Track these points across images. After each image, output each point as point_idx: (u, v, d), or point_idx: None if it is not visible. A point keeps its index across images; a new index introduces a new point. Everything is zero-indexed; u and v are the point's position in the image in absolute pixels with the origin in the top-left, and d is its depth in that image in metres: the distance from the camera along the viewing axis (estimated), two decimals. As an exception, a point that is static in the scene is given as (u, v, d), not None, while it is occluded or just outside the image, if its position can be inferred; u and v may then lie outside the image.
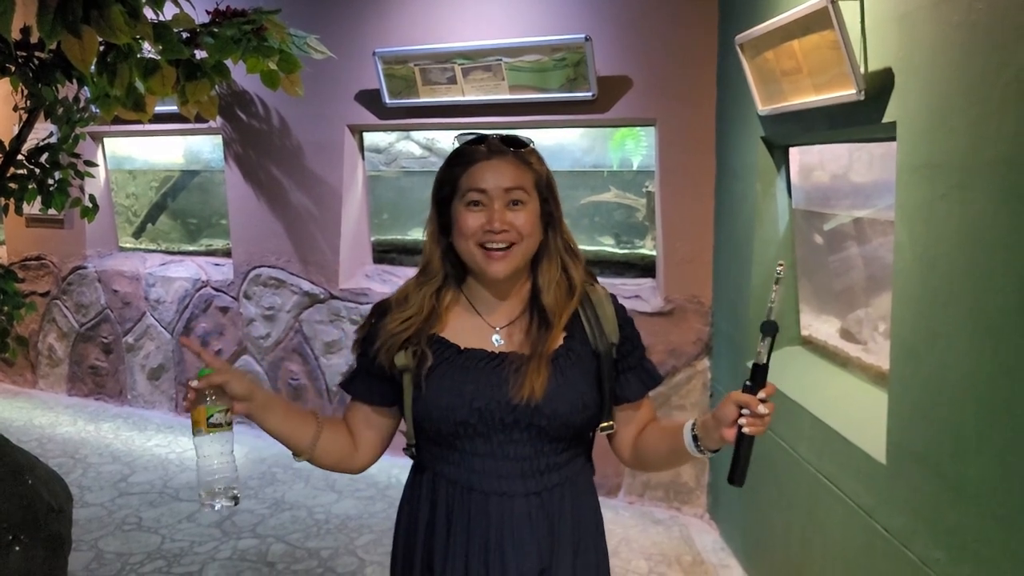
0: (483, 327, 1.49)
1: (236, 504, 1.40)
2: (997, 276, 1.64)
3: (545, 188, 1.48)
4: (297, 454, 1.50)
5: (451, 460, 1.46)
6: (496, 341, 1.47)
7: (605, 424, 1.51)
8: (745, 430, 1.31)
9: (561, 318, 1.46)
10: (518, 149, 1.46)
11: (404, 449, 1.53)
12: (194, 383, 1.37)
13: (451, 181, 1.46)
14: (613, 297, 1.55)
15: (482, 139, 1.47)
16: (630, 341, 1.52)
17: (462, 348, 1.46)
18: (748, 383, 1.32)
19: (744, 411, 1.31)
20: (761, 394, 1.30)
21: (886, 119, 2.08)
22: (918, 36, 1.91)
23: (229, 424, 1.39)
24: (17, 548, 2.43)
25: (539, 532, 1.43)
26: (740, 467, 1.34)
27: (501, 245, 1.41)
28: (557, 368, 1.43)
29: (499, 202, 1.41)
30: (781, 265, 1.36)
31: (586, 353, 1.47)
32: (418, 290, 1.49)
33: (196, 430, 1.38)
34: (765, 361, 1.32)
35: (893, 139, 2.08)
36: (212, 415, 1.37)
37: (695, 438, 1.40)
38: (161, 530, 3.66)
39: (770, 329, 1.32)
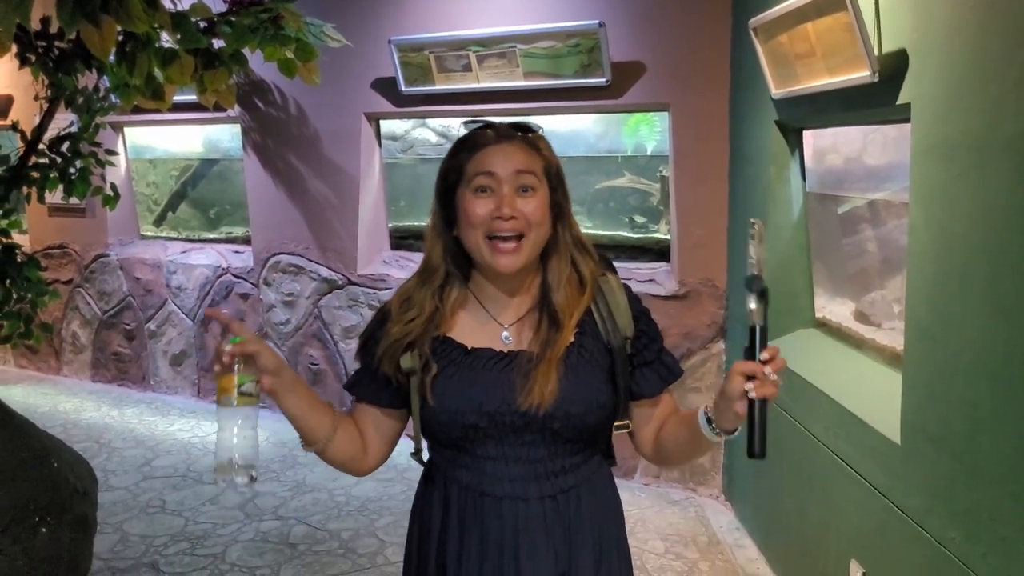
0: (492, 325, 1.42)
1: (253, 483, 1.29)
2: (1013, 256, 1.64)
3: (554, 177, 1.40)
4: (309, 444, 1.42)
5: (462, 464, 1.40)
6: (505, 339, 1.41)
7: (620, 423, 1.44)
8: (752, 395, 1.21)
9: (572, 318, 1.39)
10: (526, 133, 1.39)
11: (412, 454, 1.48)
12: (227, 347, 1.26)
13: (457, 168, 1.38)
14: (627, 287, 1.47)
15: (489, 124, 1.40)
16: (646, 334, 1.45)
17: (469, 348, 1.40)
18: (747, 347, 1.24)
19: (751, 378, 1.22)
20: (763, 355, 1.21)
21: (900, 100, 2.07)
22: (933, 16, 1.91)
23: (258, 396, 1.30)
24: (44, 529, 2.48)
25: (555, 537, 1.38)
26: (757, 436, 1.23)
27: (510, 234, 1.34)
28: (568, 367, 1.36)
29: (508, 187, 1.34)
30: (754, 223, 1.28)
31: (598, 349, 1.41)
32: (420, 290, 1.42)
33: (224, 399, 1.27)
34: (762, 322, 1.24)
35: (907, 121, 2.07)
36: (244, 383, 1.27)
37: (709, 420, 1.31)
38: (184, 513, 3.72)
39: (754, 285, 1.24)
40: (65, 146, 2.87)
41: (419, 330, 1.39)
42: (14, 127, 2.93)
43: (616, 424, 1.44)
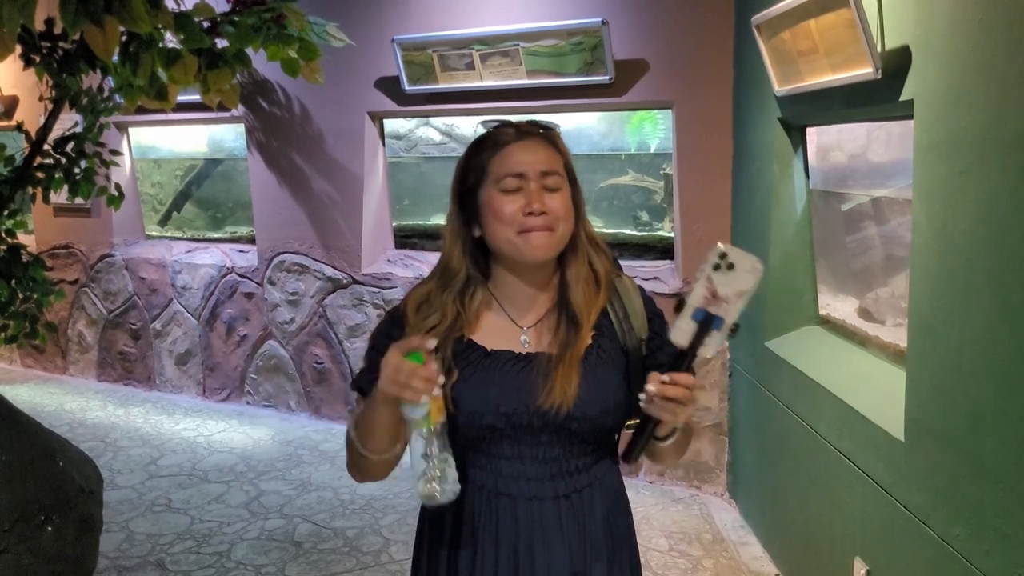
0: (511, 327, 1.42)
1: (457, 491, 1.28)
2: (1016, 253, 1.64)
3: (572, 174, 1.41)
4: (376, 452, 1.36)
5: (477, 463, 1.40)
6: (524, 342, 1.41)
7: (631, 422, 1.42)
8: (642, 404, 1.23)
9: (590, 317, 1.39)
10: (546, 130, 1.40)
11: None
12: (431, 367, 1.21)
13: (479, 167, 1.37)
14: (641, 289, 1.48)
15: (507, 123, 1.40)
16: (659, 336, 1.43)
17: (489, 350, 1.39)
18: (674, 356, 1.24)
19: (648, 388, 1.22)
20: (664, 376, 1.21)
21: (903, 97, 2.07)
22: (936, 13, 1.91)
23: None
24: (49, 528, 2.50)
25: (570, 535, 1.38)
26: (632, 443, 1.27)
27: (542, 229, 1.33)
28: (587, 369, 1.36)
29: (536, 183, 1.33)
30: (723, 254, 1.20)
31: (615, 350, 1.41)
32: (441, 294, 1.40)
33: (433, 426, 1.24)
34: (685, 345, 1.21)
35: (911, 117, 2.07)
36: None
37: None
38: (190, 511, 3.73)
39: (680, 307, 1.22)
40: (70, 146, 2.88)
41: (441, 335, 1.37)
42: (19, 128, 2.94)
43: (627, 424, 1.43)
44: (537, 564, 1.36)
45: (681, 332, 1.21)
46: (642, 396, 1.23)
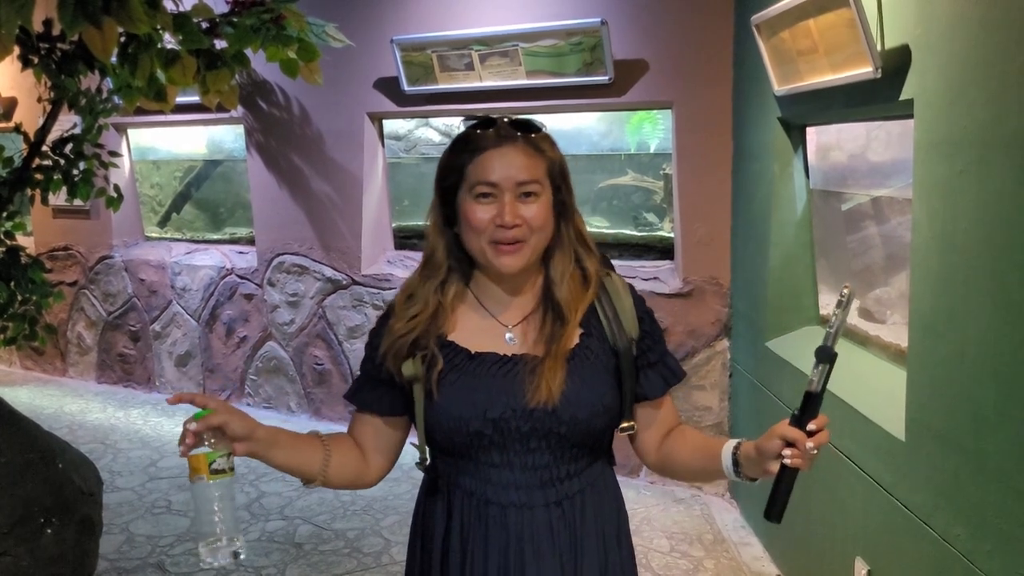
0: (494, 327, 1.40)
1: (238, 559, 1.25)
2: (1016, 252, 1.64)
3: (558, 176, 1.37)
4: (309, 482, 1.41)
5: (466, 471, 1.38)
6: (509, 340, 1.38)
7: (625, 425, 1.42)
8: (787, 462, 1.20)
9: (576, 312, 1.37)
10: (529, 134, 1.34)
11: (417, 464, 1.44)
12: (192, 425, 1.22)
13: (457, 169, 1.34)
14: (631, 288, 1.45)
15: (490, 123, 1.35)
16: (650, 336, 1.43)
17: (473, 353, 1.37)
18: (796, 412, 1.21)
19: (790, 444, 1.21)
20: (811, 425, 1.20)
21: (903, 96, 2.07)
22: (935, 12, 1.90)
23: (231, 469, 1.25)
24: (49, 531, 2.49)
25: (561, 543, 1.36)
26: (778, 503, 1.24)
27: (512, 240, 1.32)
28: (574, 369, 1.34)
29: (510, 194, 1.31)
30: (847, 287, 1.22)
31: (604, 351, 1.38)
32: (423, 285, 1.40)
33: (196, 478, 1.22)
34: (819, 390, 1.21)
35: (911, 117, 2.07)
36: (214, 460, 1.22)
37: (735, 462, 1.32)
38: (190, 513, 3.72)
39: (825, 356, 1.21)
40: (68, 148, 2.88)
41: (423, 327, 1.37)
42: (17, 129, 2.94)
43: (621, 426, 1.42)
44: (528, 573, 1.35)
45: (818, 380, 1.22)
46: (786, 453, 1.20)
